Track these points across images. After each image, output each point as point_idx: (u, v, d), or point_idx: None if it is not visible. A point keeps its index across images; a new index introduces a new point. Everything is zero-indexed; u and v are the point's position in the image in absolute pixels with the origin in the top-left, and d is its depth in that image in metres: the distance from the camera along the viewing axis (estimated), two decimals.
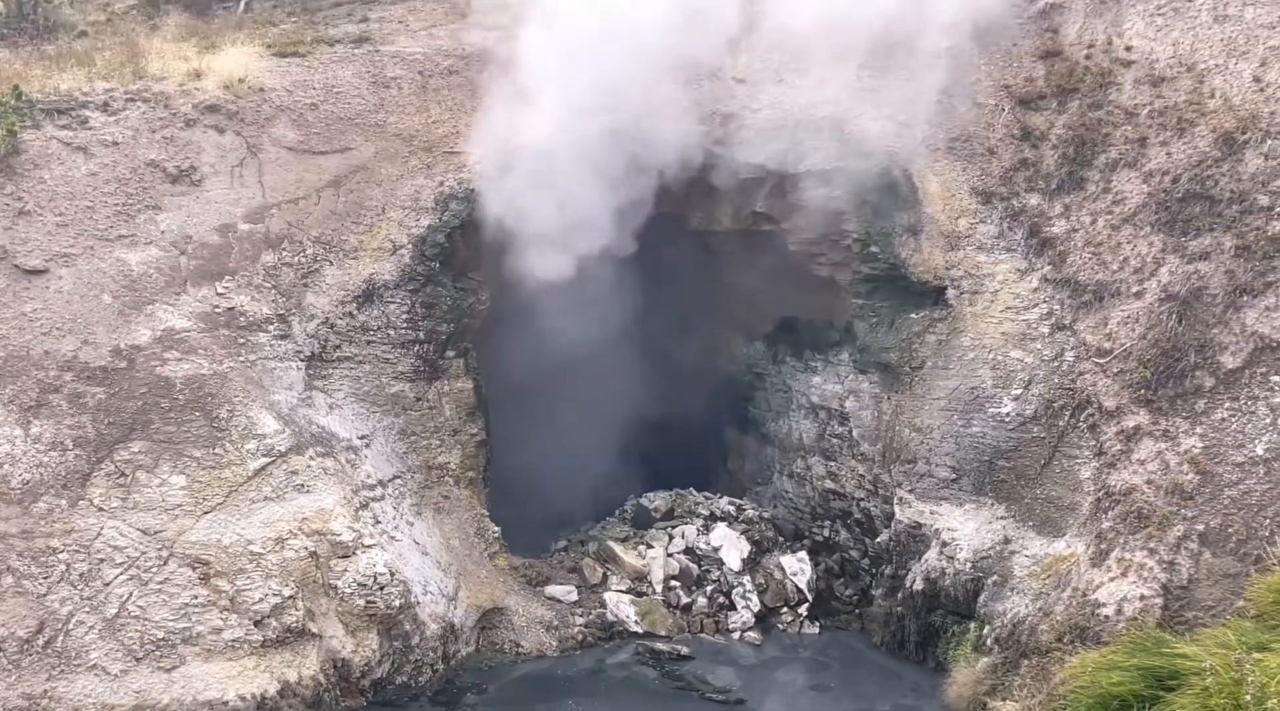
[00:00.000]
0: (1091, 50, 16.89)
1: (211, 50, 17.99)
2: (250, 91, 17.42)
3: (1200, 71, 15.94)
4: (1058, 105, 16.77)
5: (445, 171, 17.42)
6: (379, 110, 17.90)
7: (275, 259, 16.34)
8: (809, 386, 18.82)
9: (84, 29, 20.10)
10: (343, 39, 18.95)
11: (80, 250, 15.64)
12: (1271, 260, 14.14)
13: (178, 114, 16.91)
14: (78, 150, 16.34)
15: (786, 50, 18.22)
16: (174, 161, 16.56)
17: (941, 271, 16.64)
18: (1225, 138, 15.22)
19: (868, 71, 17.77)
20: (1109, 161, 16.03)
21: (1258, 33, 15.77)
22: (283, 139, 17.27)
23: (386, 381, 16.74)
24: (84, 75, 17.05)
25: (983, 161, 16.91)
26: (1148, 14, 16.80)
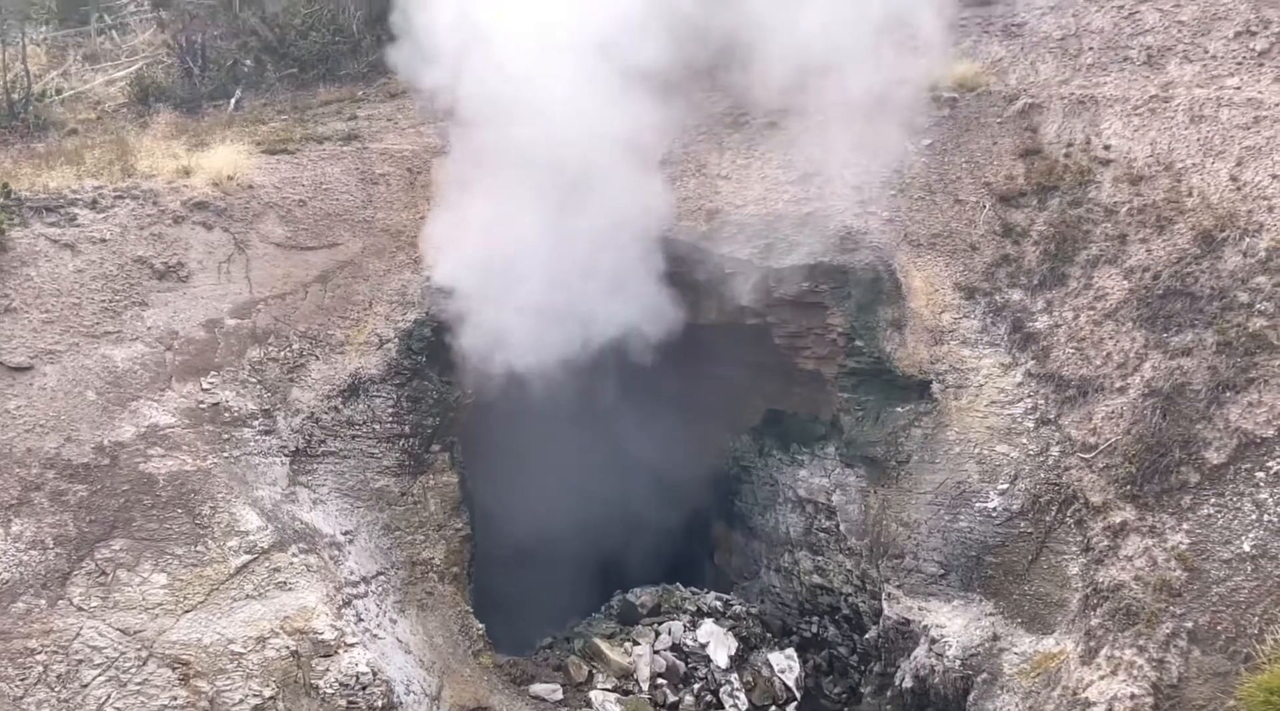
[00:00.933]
0: (1070, 149, 17.15)
1: (201, 148, 18.18)
2: (239, 188, 17.57)
3: (1178, 170, 16.20)
4: (1038, 202, 16.97)
5: (433, 266, 17.49)
6: (367, 206, 18.06)
7: (261, 354, 16.35)
8: (795, 480, 18.79)
9: (74, 127, 20.26)
10: (332, 136, 19.17)
11: (66, 346, 15.64)
12: (1253, 356, 14.26)
13: (166, 211, 17.03)
14: (65, 247, 16.42)
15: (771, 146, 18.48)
16: (162, 258, 16.64)
17: (926, 365, 16.71)
18: (1204, 235, 15.42)
19: (850, 169, 18.00)
20: (1090, 258, 16.20)
21: (1233, 133, 16.07)
22: (271, 235, 17.39)
23: (371, 476, 16.67)
24: (73, 173, 17.19)
25: (965, 257, 17.06)
26: (1125, 114, 17.09)
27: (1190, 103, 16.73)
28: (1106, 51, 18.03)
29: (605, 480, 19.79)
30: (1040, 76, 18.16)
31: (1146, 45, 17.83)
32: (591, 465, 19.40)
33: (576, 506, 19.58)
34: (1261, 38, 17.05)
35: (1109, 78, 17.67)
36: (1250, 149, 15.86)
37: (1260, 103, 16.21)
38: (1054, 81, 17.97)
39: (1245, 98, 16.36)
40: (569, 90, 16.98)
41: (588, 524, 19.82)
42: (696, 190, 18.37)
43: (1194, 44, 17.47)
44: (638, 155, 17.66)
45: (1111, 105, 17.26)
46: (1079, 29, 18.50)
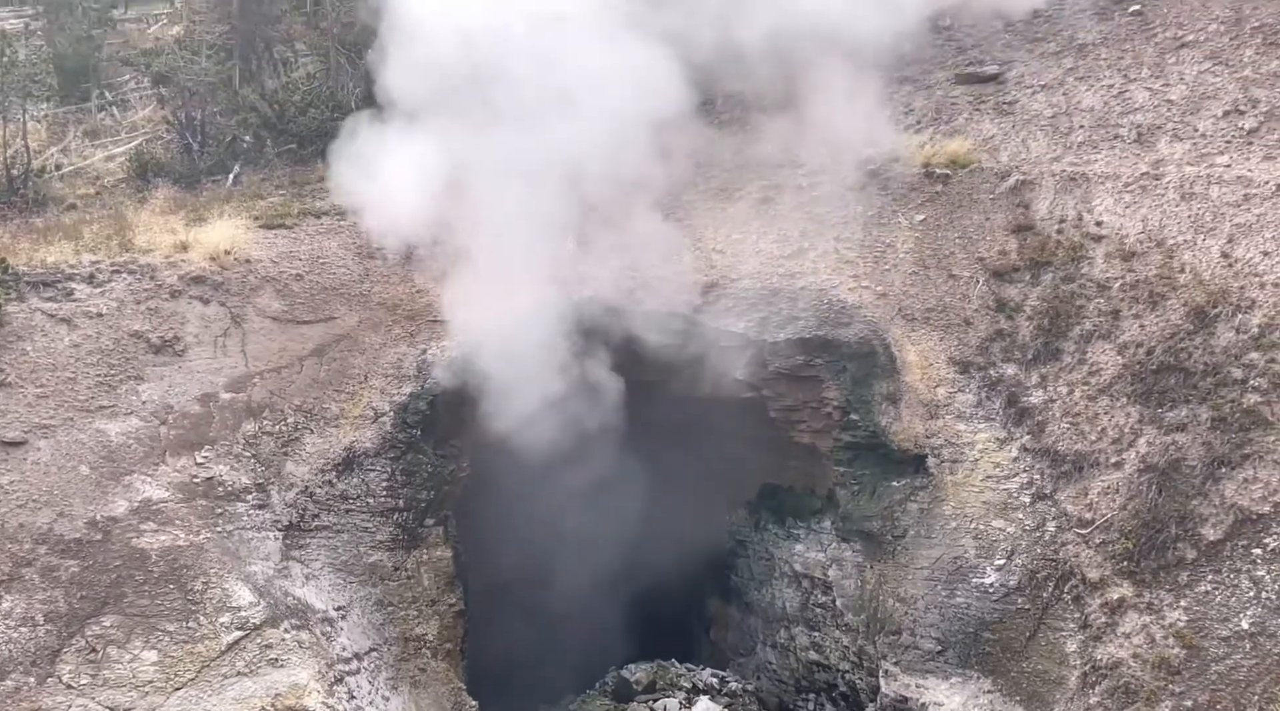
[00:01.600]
0: (1063, 225, 17.28)
1: (199, 222, 18.27)
2: (236, 263, 17.63)
3: (1170, 247, 16.33)
4: (1031, 278, 17.07)
5: (428, 339, 17.55)
6: (364, 280, 18.12)
7: (256, 428, 16.32)
8: (792, 554, 18.70)
9: (73, 202, 20.40)
10: (329, 211, 19.23)
11: (60, 421, 15.61)
12: (1248, 432, 14.29)
13: (163, 285, 17.08)
14: (62, 322, 16.46)
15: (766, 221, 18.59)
16: (158, 332, 16.67)
17: (922, 440, 16.70)
18: (1197, 311, 15.52)
19: (844, 243, 18.11)
20: (1083, 333, 16.27)
21: (1224, 210, 16.23)
22: (267, 309, 17.42)
23: (365, 551, 16.57)
24: (71, 248, 17.26)
25: (959, 331, 17.12)
26: (1116, 191, 17.25)
27: (1181, 180, 16.90)
28: (1097, 129, 18.24)
29: (601, 554, 19.67)
30: (1032, 153, 18.35)
31: (1136, 124, 18.05)
32: (586, 538, 19.29)
33: (571, 580, 19.47)
34: (1250, 117, 17.27)
35: (1100, 155, 17.85)
36: (1241, 226, 16.00)
37: (1250, 181, 16.38)
38: (1045, 158, 18.15)
39: (1235, 175, 16.53)
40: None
41: (583, 598, 19.70)
42: (692, 264, 18.43)
43: (1184, 123, 17.69)
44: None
45: (1103, 182, 17.42)
46: (1070, 107, 18.72)
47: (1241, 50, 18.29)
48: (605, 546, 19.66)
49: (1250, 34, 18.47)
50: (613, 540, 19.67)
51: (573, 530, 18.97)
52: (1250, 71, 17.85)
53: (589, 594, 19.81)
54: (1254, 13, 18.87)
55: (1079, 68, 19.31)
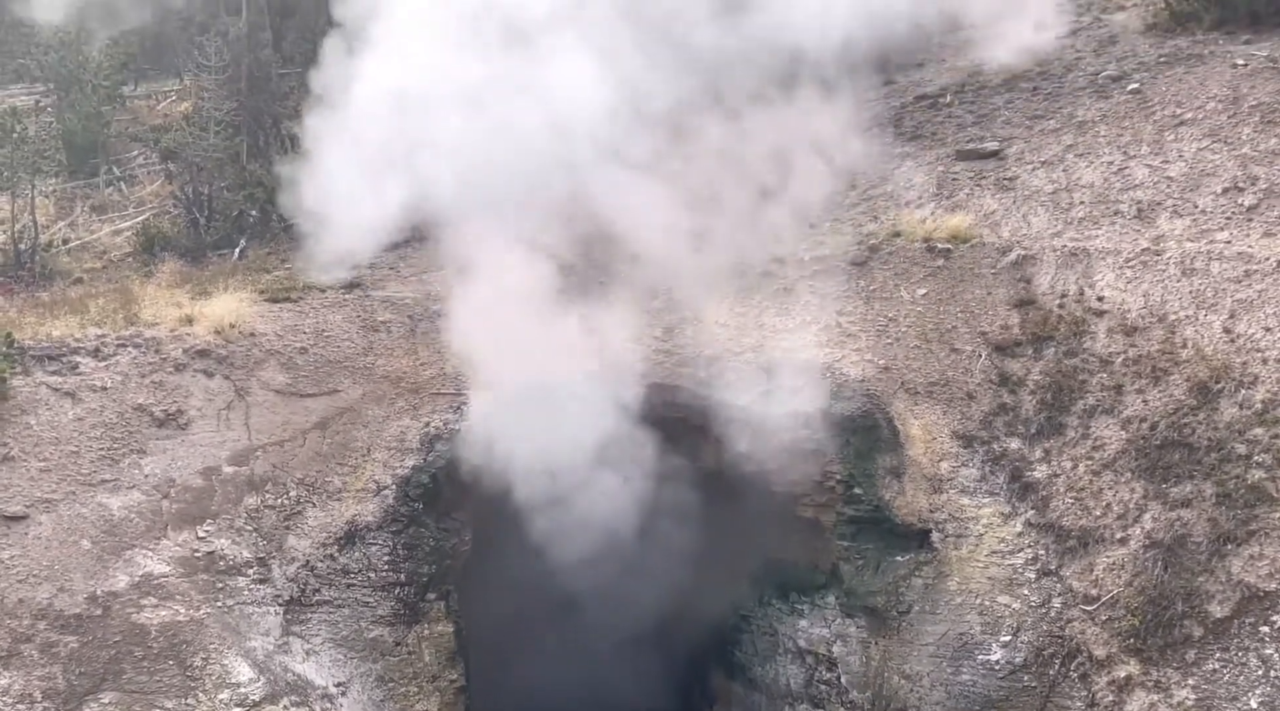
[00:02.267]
0: (1064, 300, 17.35)
1: (204, 296, 18.40)
2: (241, 336, 17.72)
3: (1172, 322, 16.38)
4: (1034, 352, 17.10)
5: (431, 412, 17.58)
6: (368, 353, 18.19)
7: (258, 501, 16.32)
8: (795, 630, 18.53)
9: (80, 276, 20.57)
10: (334, 284, 19.34)
11: (62, 495, 15.62)
12: (1253, 508, 14.24)
13: (168, 359, 17.16)
14: (66, 395, 16.52)
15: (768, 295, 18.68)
16: (161, 405, 16.72)
17: (926, 514, 16.65)
18: (1200, 387, 15.53)
19: (847, 317, 18.18)
20: (1087, 408, 16.27)
21: (1225, 286, 16.30)
22: (271, 382, 17.48)
23: (365, 626, 16.46)
24: (77, 322, 17.39)
25: (962, 405, 17.12)
26: (1117, 266, 17.34)
27: (1182, 256, 16.99)
28: (1097, 205, 18.36)
29: (601, 628, 19.53)
30: (1033, 229, 18.46)
31: (1137, 200, 18.17)
32: (587, 613, 19.17)
33: (572, 655, 19.31)
34: (1249, 193, 17.39)
35: (1100, 231, 17.96)
36: (1242, 302, 16.07)
37: (1251, 256, 16.47)
38: (1046, 234, 18.26)
39: (1236, 251, 16.62)
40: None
41: (585, 673, 19.53)
42: (695, 337, 18.49)
43: (1183, 199, 17.81)
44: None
45: (1104, 257, 17.51)
46: (1070, 183, 18.86)
47: (1240, 128, 18.47)
48: (606, 621, 19.53)
49: (1248, 112, 18.66)
50: (614, 615, 19.54)
51: (574, 605, 18.84)
52: (1249, 149, 18.00)
53: (590, 668, 19.64)
54: (1251, 91, 19.08)
55: (1078, 144, 19.48)
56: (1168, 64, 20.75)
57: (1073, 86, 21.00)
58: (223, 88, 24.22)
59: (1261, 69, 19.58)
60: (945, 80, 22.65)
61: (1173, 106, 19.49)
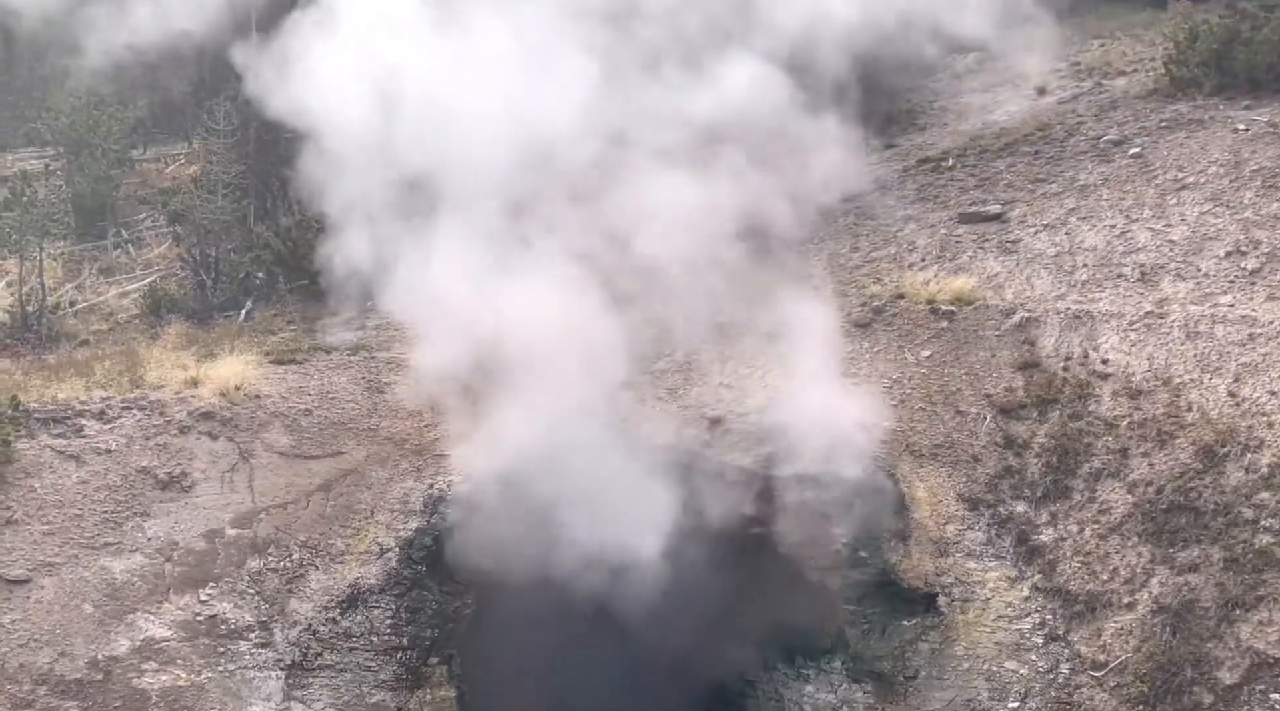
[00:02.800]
0: (1069, 363, 17.36)
1: (210, 358, 18.44)
2: (246, 398, 17.75)
3: (1176, 385, 16.37)
4: (1039, 415, 17.08)
5: (435, 473, 17.57)
6: (372, 414, 18.20)
7: (261, 564, 16.27)
8: (802, 695, 18.37)
9: (86, 338, 20.62)
10: (340, 346, 19.45)
11: (65, 559, 15.58)
12: (1261, 573, 14.16)
13: (172, 421, 17.18)
14: (70, 458, 16.53)
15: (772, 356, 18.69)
16: (165, 468, 16.72)
17: (932, 578, 16.57)
18: (1205, 450, 15.50)
19: (852, 379, 18.19)
20: (1092, 470, 16.24)
21: (1229, 350, 16.31)
22: (275, 444, 17.48)
23: (367, 691, 16.35)
24: (82, 384, 17.42)
25: (968, 468, 17.09)
26: (1121, 329, 17.37)
27: (1185, 319, 17.02)
28: (1100, 268, 18.42)
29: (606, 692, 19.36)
30: (1036, 291, 18.51)
31: (1140, 263, 18.24)
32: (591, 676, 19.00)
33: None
34: (1252, 257, 17.47)
35: (1104, 294, 18.01)
36: (1247, 365, 16.08)
37: (1255, 320, 16.50)
38: (1050, 296, 18.31)
39: (1239, 315, 16.66)
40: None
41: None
42: (699, 398, 18.49)
43: (1186, 262, 17.88)
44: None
45: (1108, 320, 17.55)
46: (1073, 247, 18.94)
47: (1241, 193, 18.57)
48: (610, 685, 19.36)
49: (1250, 177, 18.78)
50: (617, 679, 19.37)
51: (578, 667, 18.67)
52: (1251, 213, 18.10)
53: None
54: (1253, 156, 19.22)
55: (1081, 208, 19.58)
56: (1169, 128, 20.91)
57: (1074, 150, 21.14)
58: (231, 151, 24.40)
59: (1262, 134, 19.73)
60: (947, 144, 22.81)
61: (1174, 170, 19.61)
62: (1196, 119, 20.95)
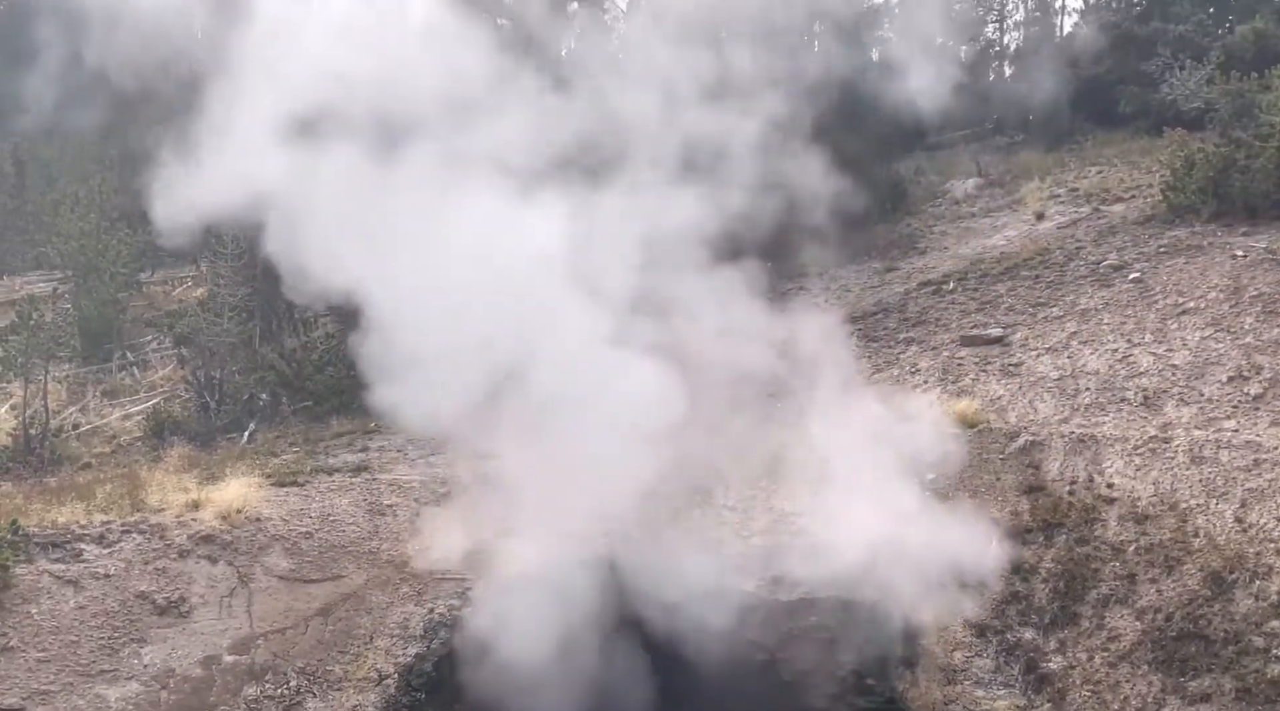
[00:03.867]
0: (1074, 487, 17.29)
1: (212, 481, 18.39)
2: (246, 521, 17.65)
3: (1183, 511, 16.28)
4: (1045, 539, 16.96)
5: (435, 598, 17.38)
6: (373, 537, 18.07)
7: (258, 691, 15.98)
8: None
9: (89, 461, 20.62)
10: (342, 468, 19.44)
11: (60, 687, 15.31)
12: (1273, 704, 13.89)
13: (172, 545, 17.05)
14: (68, 583, 16.36)
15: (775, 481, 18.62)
16: (164, 593, 16.54)
17: (940, 707, 16.23)
18: (1213, 577, 15.34)
19: (856, 503, 18.06)
20: (1100, 597, 16.05)
21: (1235, 475, 16.25)
22: (275, 568, 17.33)
23: None
24: (83, 508, 17.35)
25: (975, 594, 16.89)
26: (1126, 453, 17.33)
27: (1190, 444, 16.99)
28: (1103, 392, 18.47)
29: None
30: (1040, 415, 18.52)
31: (1142, 387, 18.28)
32: None
33: None
34: (1255, 383, 17.51)
35: (1108, 417, 18.02)
36: (1253, 491, 16.00)
37: (1259, 445, 16.48)
38: (1054, 420, 18.31)
39: (1244, 440, 16.65)
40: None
41: None
42: (702, 520, 18.39)
43: (1189, 387, 17.92)
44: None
45: (1112, 444, 17.52)
46: (1075, 370, 19.01)
47: (1242, 318, 18.70)
48: None
49: (1249, 302, 18.93)
50: None
51: None
52: (1252, 338, 18.20)
53: None
54: (1252, 281, 19.40)
55: (1082, 331, 19.70)
56: (1168, 254, 21.15)
57: (1074, 274, 21.35)
58: (238, 274, 24.64)
59: (1261, 260, 19.94)
60: (948, 267, 23.06)
61: (1175, 295, 19.77)
62: (1195, 245, 21.19)
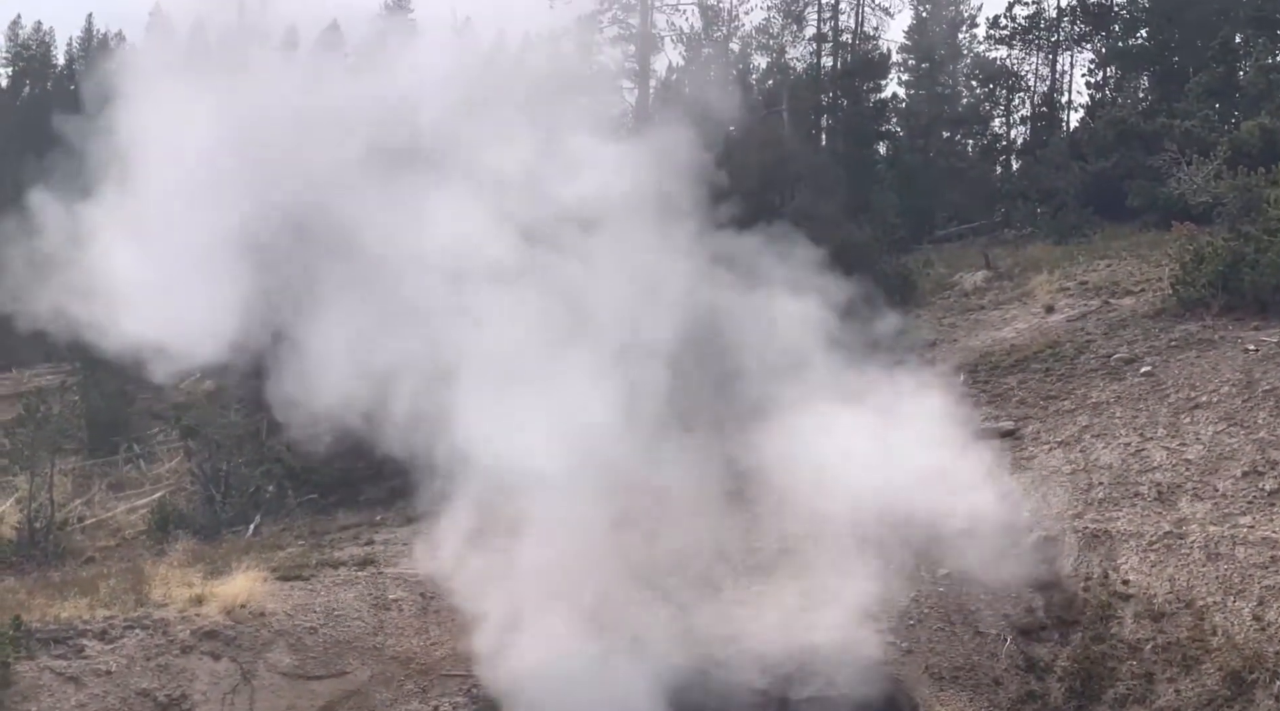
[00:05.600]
0: (1089, 583, 17.11)
1: (216, 575, 18.21)
2: (250, 616, 17.43)
3: (1199, 608, 16.08)
4: (1060, 637, 16.76)
5: (441, 695, 17.13)
6: (378, 632, 17.84)
7: None
8: None
9: (92, 555, 20.50)
10: (347, 561, 19.24)
11: None
12: None
13: (175, 641, 16.82)
14: (70, 681, 16.11)
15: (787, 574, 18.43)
16: (165, 690, 16.28)
17: None
18: (1232, 676, 15.11)
19: (868, 598, 17.87)
20: (1117, 696, 15.82)
21: (1252, 572, 16.07)
22: (278, 664, 17.09)
23: None
24: (86, 603, 17.15)
25: (989, 692, 16.64)
26: (1140, 549, 17.16)
27: (1205, 540, 16.83)
28: (1117, 487, 18.34)
29: None
30: (1053, 509, 18.38)
31: (1156, 482, 18.15)
32: None
33: None
34: (1270, 478, 17.38)
35: (1121, 512, 17.88)
36: (1271, 588, 15.80)
37: (1276, 542, 16.31)
38: (1067, 514, 18.17)
39: (1260, 537, 16.48)
40: None
41: None
42: (712, 616, 18.16)
43: (1203, 482, 17.78)
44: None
45: (1127, 540, 17.36)
46: (1088, 464, 18.89)
47: (1255, 412, 18.61)
48: None
49: (1262, 396, 18.85)
50: None
51: None
52: (1265, 433, 18.09)
53: None
54: (1264, 376, 19.32)
55: (1094, 425, 19.61)
56: (1179, 348, 21.10)
57: (1085, 368, 21.30)
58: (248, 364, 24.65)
59: (1273, 354, 19.88)
60: (957, 360, 23.00)
61: (1187, 389, 19.70)
62: (1206, 339, 21.14)
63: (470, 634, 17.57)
